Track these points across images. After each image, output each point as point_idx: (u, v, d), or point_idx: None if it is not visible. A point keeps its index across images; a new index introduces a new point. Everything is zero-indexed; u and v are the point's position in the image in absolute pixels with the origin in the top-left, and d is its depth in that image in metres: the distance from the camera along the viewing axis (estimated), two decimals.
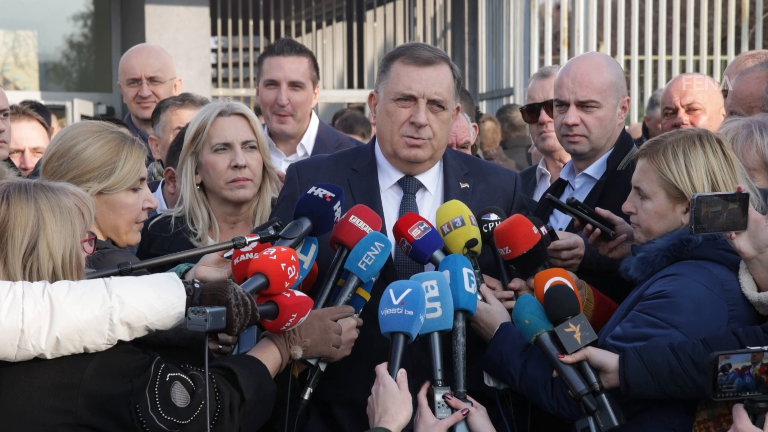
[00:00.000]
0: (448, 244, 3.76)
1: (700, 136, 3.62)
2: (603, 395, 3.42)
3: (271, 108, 5.62)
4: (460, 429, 3.50)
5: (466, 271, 3.64)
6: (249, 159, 4.28)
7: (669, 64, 12.72)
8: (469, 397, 3.55)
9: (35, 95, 14.51)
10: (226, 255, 3.62)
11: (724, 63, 12.29)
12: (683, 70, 12.39)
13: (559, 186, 4.74)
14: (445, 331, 3.56)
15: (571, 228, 4.25)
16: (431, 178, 4.05)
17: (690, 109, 5.68)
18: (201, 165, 4.31)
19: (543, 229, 3.83)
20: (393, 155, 3.99)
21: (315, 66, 5.77)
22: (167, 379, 3.06)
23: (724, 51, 12.60)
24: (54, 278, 3.06)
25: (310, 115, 5.77)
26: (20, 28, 15.57)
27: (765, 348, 3.03)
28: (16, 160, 5.85)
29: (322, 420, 3.91)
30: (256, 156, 4.31)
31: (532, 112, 5.44)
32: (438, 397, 3.51)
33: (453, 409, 3.52)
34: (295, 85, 5.61)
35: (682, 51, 12.60)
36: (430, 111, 3.91)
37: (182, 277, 3.63)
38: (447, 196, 4.01)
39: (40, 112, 6.34)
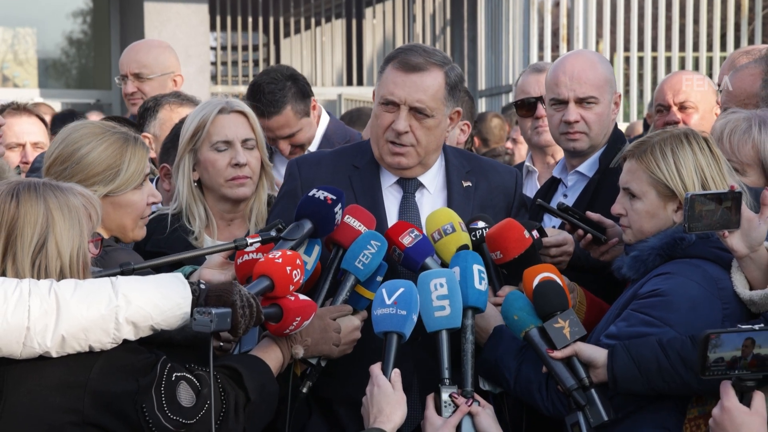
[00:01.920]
0: (440, 251, 3.75)
1: (686, 135, 3.63)
2: (592, 390, 3.42)
3: (282, 151, 5.63)
4: (466, 428, 3.49)
5: (477, 268, 3.63)
6: (249, 157, 4.28)
7: (668, 60, 12.73)
8: (476, 396, 3.54)
9: (34, 92, 14.52)
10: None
11: (723, 60, 12.27)
12: (682, 66, 12.40)
13: (552, 184, 4.74)
14: (453, 329, 3.55)
15: (564, 228, 4.25)
16: (431, 177, 4.03)
17: (682, 108, 5.68)
18: (199, 162, 4.30)
19: (534, 233, 3.83)
20: (380, 159, 3.98)
21: (301, 96, 5.56)
22: (173, 378, 3.08)
23: (723, 48, 12.60)
24: (61, 277, 3.07)
25: (319, 116, 5.76)
26: (19, 25, 15.58)
27: (756, 327, 3.01)
28: (17, 154, 5.91)
29: (324, 417, 3.92)
30: (255, 154, 4.31)
31: (526, 106, 5.43)
32: (445, 396, 3.49)
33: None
34: (291, 135, 5.59)
35: (682, 48, 12.60)
36: (414, 118, 3.87)
37: (187, 278, 3.64)
38: (450, 195, 4.01)
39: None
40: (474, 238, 3.83)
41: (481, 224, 3.86)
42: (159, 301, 3.05)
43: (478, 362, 3.69)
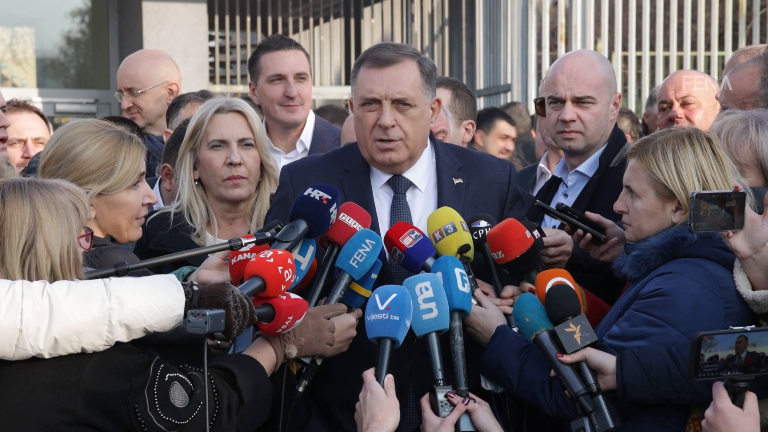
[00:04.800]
0: (441, 250, 3.75)
1: (689, 135, 3.63)
2: (600, 397, 3.42)
3: (279, 101, 5.67)
4: (464, 425, 3.50)
5: (458, 271, 3.65)
6: (245, 156, 4.28)
7: (666, 60, 12.71)
8: (471, 394, 3.57)
9: (32, 92, 14.50)
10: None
11: (721, 59, 12.27)
12: (681, 66, 12.38)
13: (553, 184, 4.75)
14: (442, 331, 3.58)
15: (563, 228, 4.24)
16: (421, 175, 4.03)
17: (685, 103, 5.71)
18: (199, 161, 4.32)
19: (536, 233, 3.83)
20: (371, 160, 3.98)
21: (308, 60, 5.90)
22: (166, 379, 3.08)
23: (721, 47, 12.57)
24: (52, 276, 3.07)
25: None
26: (18, 24, 15.55)
27: (747, 328, 3.04)
28: (18, 149, 5.95)
29: (323, 419, 3.92)
30: (252, 154, 4.31)
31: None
32: (440, 397, 3.52)
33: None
34: (300, 76, 5.69)
35: (680, 47, 12.57)
36: (397, 110, 3.88)
37: (185, 279, 3.64)
38: (441, 193, 4.00)
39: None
40: (476, 238, 3.83)
41: (483, 224, 3.87)
42: (152, 303, 3.05)
43: (481, 362, 3.71)
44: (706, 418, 3.08)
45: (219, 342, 3.58)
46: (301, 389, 3.65)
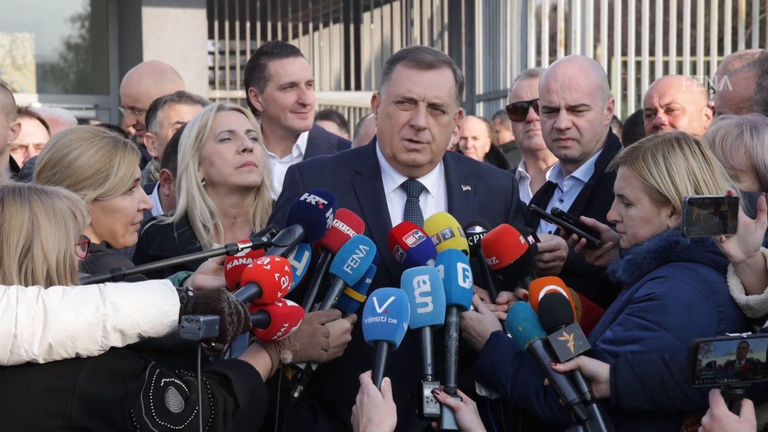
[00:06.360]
0: None
1: (678, 139, 3.64)
2: (594, 405, 3.42)
3: (291, 109, 5.66)
4: (447, 423, 3.50)
5: (461, 266, 3.65)
6: (254, 147, 4.29)
7: (666, 65, 12.71)
8: (459, 392, 3.56)
9: (32, 97, 14.52)
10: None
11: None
12: (680, 71, 12.38)
13: (548, 189, 4.75)
14: (436, 326, 3.57)
15: (558, 234, 4.24)
16: (433, 181, 4.06)
17: (669, 110, 5.70)
18: (204, 159, 4.29)
19: (530, 239, 3.83)
20: (392, 158, 4.00)
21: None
22: (162, 384, 3.08)
23: (720, 52, 12.58)
24: (48, 281, 3.08)
25: None
26: (17, 30, 15.59)
27: (744, 335, 3.03)
28: (20, 155, 5.97)
29: (329, 421, 3.92)
30: (258, 147, 4.33)
31: (518, 110, 5.46)
32: (427, 392, 3.52)
33: (441, 404, 3.52)
34: (309, 83, 5.74)
35: (679, 52, 12.58)
36: (430, 115, 3.93)
37: (181, 284, 3.65)
38: (450, 199, 4.03)
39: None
40: (471, 243, 3.84)
41: (478, 229, 3.88)
42: (147, 309, 3.05)
43: (475, 367, 3.70)
44: (703, 425, 3.08)
45: (213, 344, 3.59)
46: (296, 394, 3.65)
